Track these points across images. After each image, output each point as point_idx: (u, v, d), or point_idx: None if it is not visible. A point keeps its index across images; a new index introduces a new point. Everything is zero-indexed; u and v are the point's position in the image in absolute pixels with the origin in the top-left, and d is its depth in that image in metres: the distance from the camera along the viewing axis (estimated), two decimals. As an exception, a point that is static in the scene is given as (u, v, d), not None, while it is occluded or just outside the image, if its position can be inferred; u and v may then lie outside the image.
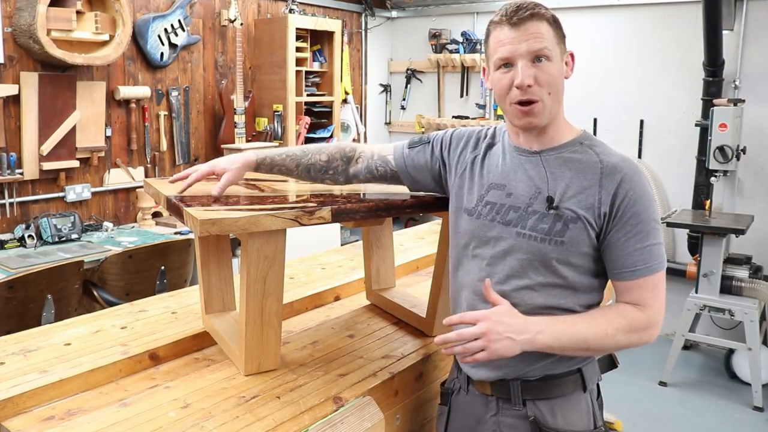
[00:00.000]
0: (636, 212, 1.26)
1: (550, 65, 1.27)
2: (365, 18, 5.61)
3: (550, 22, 1.29)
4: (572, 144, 1.34)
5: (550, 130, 1.34)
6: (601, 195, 1.26)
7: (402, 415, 1.64)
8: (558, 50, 1.29)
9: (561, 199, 1.29)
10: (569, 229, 1.27)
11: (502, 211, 1.35)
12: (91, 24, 3.40)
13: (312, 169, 1.56)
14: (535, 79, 1.26)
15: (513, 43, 1.27)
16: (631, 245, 1.27)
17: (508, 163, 1.38)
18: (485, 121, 5.24)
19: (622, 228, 1.26)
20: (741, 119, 3.80)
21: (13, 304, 2.56)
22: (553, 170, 1.32)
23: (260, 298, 1.46)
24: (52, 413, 1.34)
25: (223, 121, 4.30)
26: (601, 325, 1.27)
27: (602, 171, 1.28)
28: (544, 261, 1.29)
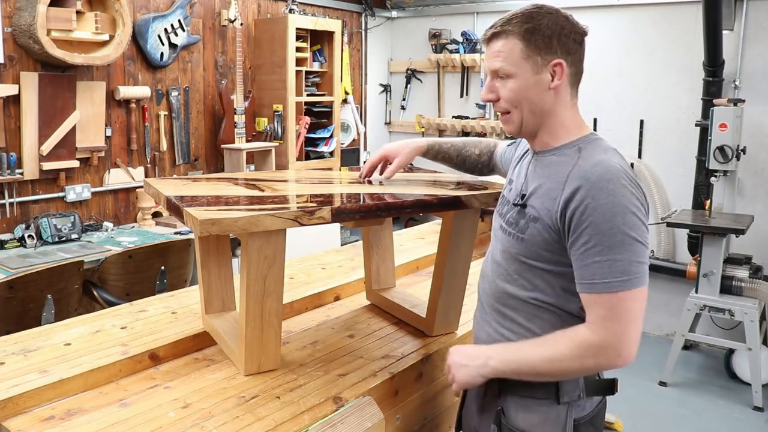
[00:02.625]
0: (594, 222, 1.18)
1: (509, 82, 1.31)
2: (365, 18, 5.61)
3: (520, 36, 1.29)
4: (567, 146, 1.33)
5: (541, 135, 1.36)
6: (560, 198, 1.24)
7: (402, 415, 1.64)
8: (528, 65, 1.29)
9: (529, 197, 1.32)
10: (529, 227, 1.30)
11: (503, 203, 1.44)
12: (91, 24, 3.40)
13: (467, 161, 1.75)
14: (498, 95, 1.34)
15: (485, 59, 1.37)
16: (589, 257, 1.20)
17: (523, 162, 1.45)
18: (485, 121, 5.24)
19: (579, 237, 1.21)
20: (741, 119, 3.80)
21: (13, 304, 2.56)
22: (537, 170, 1.35)
23: (260, 298, 1.46)
24: (52, 413, 1.34)
25: (223, 121, 4.30)
26: (548, 350, 1.24)
27: (569, 175, 1.25)
28: (511, 254, 1.34)
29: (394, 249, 2.10)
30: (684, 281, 4.42)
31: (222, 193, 1.62)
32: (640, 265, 1.19)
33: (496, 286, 1.39)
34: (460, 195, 1.60)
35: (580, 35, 1.32)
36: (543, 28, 1.28)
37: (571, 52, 1.31)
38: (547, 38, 1.28)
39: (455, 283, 1.78)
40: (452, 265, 1.75)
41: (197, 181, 1.84)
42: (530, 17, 1.29)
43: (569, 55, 1.30)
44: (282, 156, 4.47)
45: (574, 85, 1.34)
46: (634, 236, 1.18)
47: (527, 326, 1.34)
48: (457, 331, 1.85)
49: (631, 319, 1.19)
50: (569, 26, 1.31)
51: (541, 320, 1.32)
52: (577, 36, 1.31)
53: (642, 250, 1.20)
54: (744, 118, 3.89)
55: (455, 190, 1.66)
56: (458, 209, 1.63)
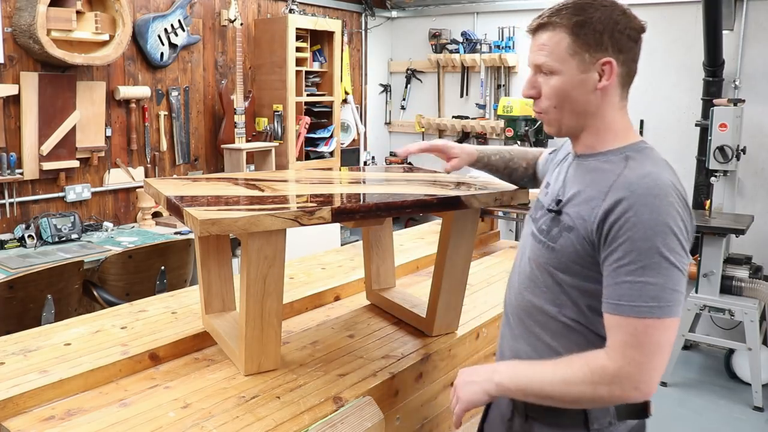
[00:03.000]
0: (632, 238, 1.08)
1: (553, 79, 1.21)
2: (365, 18, 5.61)
3: (569, 29, 1.18)
4: (613, 153, 1.22)
5: (585, 138, 1.26)
6: (599, 209, 1.13)
7: (402, 415, 1.64)
8: (573, 62, 1.18)
9: (566, 204, 1.21)
10: (562, 236, 1.19)
11: (536, 208, 1.34)
12: (91, 24, 3.40)
13: (514, 173, 1.67)
14: (540, 92, 1.24)
15: (529, 52, 1.27)
16: (620, 275, 1.09)
17: (563, 163, 1.36)
18: (485, 121, 5.23)
19: (613, 253, 1.10)
20: (741, 119, 3.80)
21: (13, 304, 2.56)
22: (577, 175, 1.24)
23: (260, 298, 1.46)
24: (52, 413, 1.34)
25: (223, 121, 4.30)
26: (560, 371, 1.13)
27: (613, 184, 1.14)
28: (540, 264, 1.24)
29: (394, 249, 2.10)
30: (684, 281, 4.41)
31: (222, 193, 1.62)
32: (675, 293, 1.08)
33: (523, 298, 1.30)
34: (460, 195, 1.60)
35: (637, 31, 1.20)
36: (594, 22, 1.17)
37: (623, 50, 1.19)
38: (598, 33, 1.17)
39: (455, 283, 1.78)
40: (452, 265, 1.75)
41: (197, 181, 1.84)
42: (581, 9, 1.18)
43: (621, 53, 1.19)
44: (282, 156, 4.47)
45: (625, 86, 1.24)
46: (673, 261, 1.07)
47: (551, 345, 1.23)
48: (457, 331, 1.85)
49: (656, 351, 1.07)
50: (624, 21, 1.18)
51: (567, 340, 1.21)
52: (633, 32, 1.19)
53: (678, 277, 1.08)
54: (744, 118, 3.89)
55: (455, 190, 1.66)
56: (458, 209, 1.63)
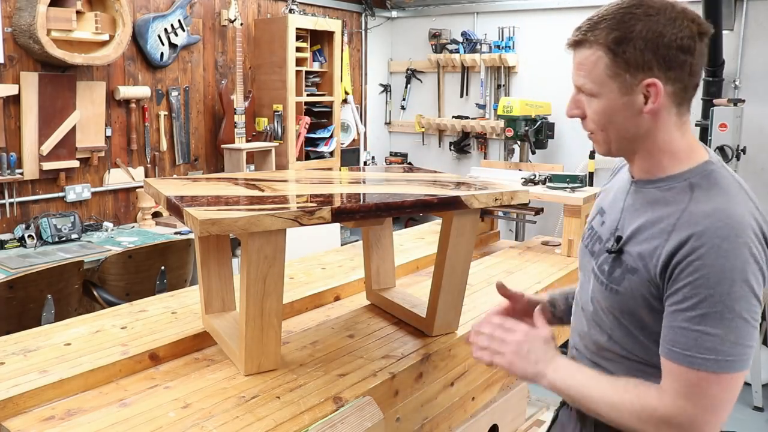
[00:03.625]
0: (693, 283, 0.97)
1: (594, 102, 1.09)
2: (365, 18, 5.61)
3: (606, 48, 1.04)
4: (675, 179, 1.08)
5: (642, 162, 1.12)
6: (663, 250, 1.01)
7: (402, 415, 1.64)
8: (614, 84, 1.05)
9: (627, 242, 1.09)
10: (626, 279, 1.07)
11: (593, 239, 1.21)
12: (91, 24, 3.40)
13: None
14: (584, 112, 1.12)
15: (572, 68, 1.13)
16: (677, 319, 1.00)
17: (619, 187, 1.21)
18: (485, 121, 5.24)
19: (674, 294, 1.00)
20: (741, 119, 3.80)
21: (13, 304, 2.56)
22: (636, 206, 1.11)
23: (260, 298, 1.46)
24: (52, 413, 1.34)
25: (223, 121, 4.30)
26: (614, 395, 1.06)
27: (678, 220, 1.02)
28: (603, 306, 1.14)
29: (394, 249, 2.10)
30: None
31: (222, 193, 1.62)
32: (737, 346, 0.96)
33: (590, 337, 1.20)
34: (460, 195, 1.60)
35: (691, 39, 1.02)
36: (635, 37, 1.02)
37: (673, 67, 1.02)
38: (640, 51, 1.02)
39: (455, 283, 1.78)
40: (452, 265, 1.75)
41: (197, 181, 1.84)
42: (621, 21, 1.03)
43: (670, 70, 1.03)
44: (282, 156, 4.47)
45: (682, 103, 1.07)
46: (738, 311, 0.96)
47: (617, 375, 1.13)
48: (457, 331, 1.85)
49: (710, 406, 0.98)
50: (672, 32, 1.01)
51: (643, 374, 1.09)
52: (685, 42, 1.02)
53: (745, 330, 0.97)
54: (744, 118, 3.89)
55: (455, 190, 1.66)
56: (458, 209, 1.63)
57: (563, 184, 2.89)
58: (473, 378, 1.92)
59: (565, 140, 4.89)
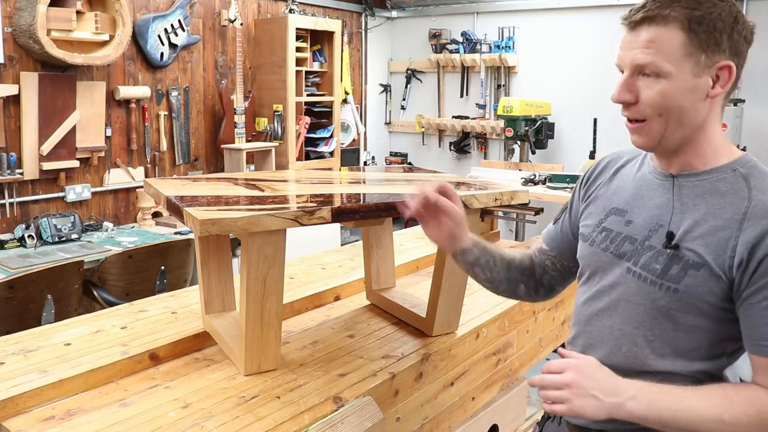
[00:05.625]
0: None
1: (661, 84, 1.02)
2: (365, 18, 5.61)
3: (684, 25, 1.00)
4: (721, 170, 1.06)
5: (686, 154, 1.08)
6: (738, 241, 0.99)
7: (402, 415, 1.64)
8: (689, 64, 1.01)
9: (684, 237, 1.04)
10: (687, 275, 1.03)
11: (617, 241, 1.14)
12: (91, 24, 3.40)
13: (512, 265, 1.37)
14: (638, 96, 1.04)
15: (625, 48, 1.05)
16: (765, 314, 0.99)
17: (637, 185, 1.16)
18: (485, 121, 5.23)
19: (763, 289, 0.98)
20: (741, 119, 3.80)
21: (13, 304, 2.56)
22: (684, 200, 1.07)
23: (260, 298, 1.46)
24: (52, 413, 1.34)
25: (223, 121, 4.30)
26: (717, 407, 0.99)
27: (747, 210, 1.00)
28: (651, 309, 1.07)
29: (394, 249, 2.10)
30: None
31: (222, 193, 1.62)
32: None
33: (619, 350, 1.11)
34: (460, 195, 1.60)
35: (751, 34, 1.07)
36: (714, 18, 1.01)
37: (739, 54, 1.05)
38: (718, 32, 1.01)
39: (455, 283, 1.78)
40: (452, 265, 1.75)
41: (197, 181, 1.84)
42: (697, 2, 1.01)
43: (737, 57, 1.04)
44: (282, 156, 4.48)
45: (728, 95, 1.08)
46: None
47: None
48: (457, 331, 1.85)
49: None
50: (743, 20, 1.04)
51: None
52: (749, 35, 1.06)
53: None
54: (744, 118, 3.89)
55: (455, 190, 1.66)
56: (458, 209, 1.63)
57: (563, 184, 2.89)
58: (473, 378, 1.92)
59: (565, 140, 4.89)
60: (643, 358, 1.09)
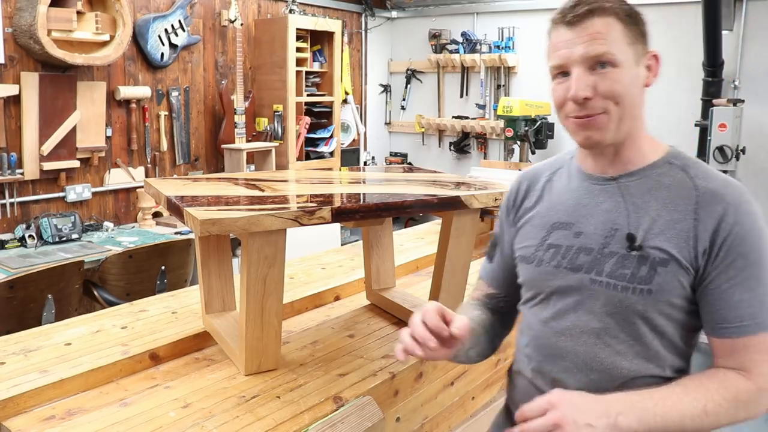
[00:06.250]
0: (743, 253, 1.00)
1: (616, 72, 1.02)
2: (365, 18, 5.61)
3: (620, 17, 1.03)
4: (658, 165, 1.08)
5: (627, 150, 1.09)
6: (698, 230, 1.01)
7: (402, 414, 1.64)
8: (631, 52, 1.04)
9: (646, 237, 1.04)
10: (657, 273, 1.02)
11: (569, 255, 1.10)
12: (92, 24, 3.40)
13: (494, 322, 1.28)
14: (595, 89, 1.03)
15: (568, 46, 1.04)
16: (736, 294, 1.01)
17: (576, 194, 1.14)
18: (485, 121, 5.24)
19: (724, 272, 1.01)
20: (741, 119, 3.80)
21: (14, 304, 2.56)
22: (634, 200, 1.07)
23: (260, 298, 1.46)
24: (52, 413, 1.35)
25: (224, 121, 4.30)
26: (698, 401, 1.00)
27: (698, 199, 1.03)
28: (626, 315, 1.05)
29: (394, 249, 2.10)
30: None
31: (222, 193, 1.63)
32: None
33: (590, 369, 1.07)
34: (460, 195, 1.61)
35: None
36: (637, 12, 1.06)
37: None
38: (642, 24, 1.06)
39: (455, 283, 1.78)
40: (452, 265, 1.75)
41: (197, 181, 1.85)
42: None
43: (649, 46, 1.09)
44: (282, 156, 4.48)
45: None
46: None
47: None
48: (456, 331, 1.85)
49: None
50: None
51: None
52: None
53: None
54: (744, 118, 3.89)
55: (455, 190, 1.67)
56: (458, 209, 1.63)
57: (563, 184, 2.90)
58: (473, 378, 1.93)
59: (564, 140, 4.89)
60: (621, 369, 1.06)
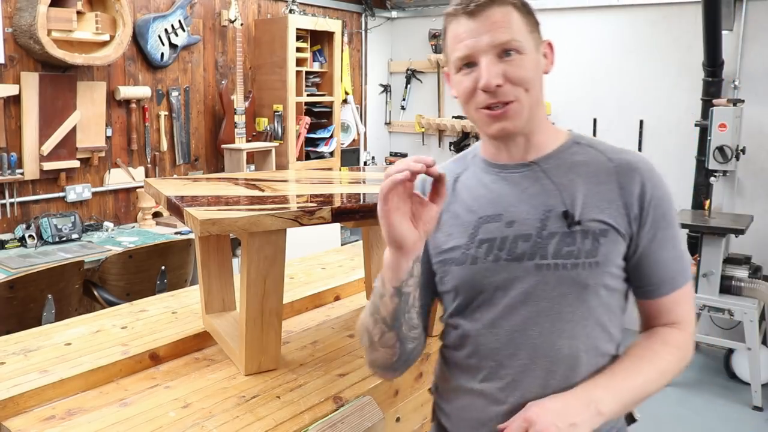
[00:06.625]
0: (664, 214, 1.07)
1: (523, 59, 1.03)
2: (365, 18, 5.61)
3: (517, 7, 1.05)
4: (568, 146, 1.12)
5: (538, 135, 1.11)
6: (625, 198, 1.05)
7: (402, 414, 1.64)
8: (531, 40, 1.06)
9: (582, 212, 1.05)
10: (601, 244, 1.03)
11: (506, 246, 1.06)
12: (92, 24, 3.40)
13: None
14: (504, 77, 1.02)
15: (473, 36, 1.04)
16: (666, 254, 1.07)
17: (496, 186, 1.12)
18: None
19: (653, 234, 1.06)
20: (740, 119, 3.80)
21: (14, 304, 2.56)
22: (559, 179, 1.08)
23: (260, 298, 1.46)
24: (52, 413, 1.35)
25: (224, 121, 4.30)
26: (653, 364, 1.05)
27: (617, 170, 1.07)
28: (579, 293, 1.04)
29: (394, 249, 2.10)
30: (684, 281, 4.42)
31: (222, 193, 1.63)
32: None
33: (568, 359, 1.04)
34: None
35: None
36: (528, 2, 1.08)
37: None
38: (534, 14, 1.08)
39: (455, 283, 1.77)
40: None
41: (197, 181, 1.85)
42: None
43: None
44: (282, 156, 4.48)
45: None
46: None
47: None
48: (456, 331, 1.85)
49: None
50: None
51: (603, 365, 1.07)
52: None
53: None
54: (743, 118, 3.89)
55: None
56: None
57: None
58: (473, 378, 1.92)
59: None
60: (579, 351, 1.04)
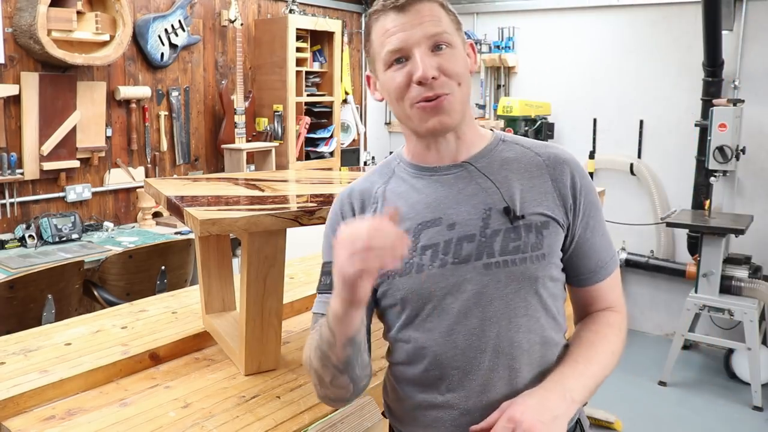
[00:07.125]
0: (592, 201, 1.11)
1: (454, 53, 1.03)
2: (365, 18, 5.61)
3: (443, 5, 1.06)
4: (495, 144, 1.13)
5: (468, 133, 1.11)
6: (559, 189, 1.08)
7: (402, 414, 1.64)
8: (458, 37, 1.06)
9: (522, 206, 1.05)
10: (544, 236, 1.05)
11: (451, 250, 1.04)
12: (92, 24, 3.40)
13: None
14: (439, 69, 1.01)
15: (405, 29, 1.01)
16: (599, 240, 1.12)
17: (430, 190, 1.09)
18: (485, 121, 5.23)
19: (588, 223, 1.10)
20: (740, 119, 3.80)
21: (14, 304, 2.56)
22: (495, 177, 1.08)
23: (260, 298, 1.46)
24: (52, 413, 1.35)
25: (224, 121, 4.30)
26: (604, 347, 1.09)
27: (546, 163, 1.10)
28: (529, 287, 1.04)
29: (394, 249, 2.10)
30: (683, 281, 4.42)
31: (222, 193, 1.63)
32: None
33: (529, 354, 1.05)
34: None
35: None
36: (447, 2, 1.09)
37: None
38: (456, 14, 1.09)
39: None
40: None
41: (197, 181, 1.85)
42: None
43: None
44: (282, 156, 4.48)
45: None
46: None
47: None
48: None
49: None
50: None
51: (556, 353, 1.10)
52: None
53: None
54: (743, 118, 3.89)
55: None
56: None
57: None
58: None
59: (564, 140, 4.89)
60: (534, 345, 1.05)
